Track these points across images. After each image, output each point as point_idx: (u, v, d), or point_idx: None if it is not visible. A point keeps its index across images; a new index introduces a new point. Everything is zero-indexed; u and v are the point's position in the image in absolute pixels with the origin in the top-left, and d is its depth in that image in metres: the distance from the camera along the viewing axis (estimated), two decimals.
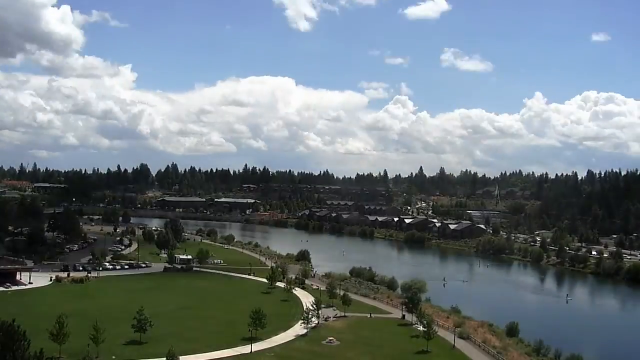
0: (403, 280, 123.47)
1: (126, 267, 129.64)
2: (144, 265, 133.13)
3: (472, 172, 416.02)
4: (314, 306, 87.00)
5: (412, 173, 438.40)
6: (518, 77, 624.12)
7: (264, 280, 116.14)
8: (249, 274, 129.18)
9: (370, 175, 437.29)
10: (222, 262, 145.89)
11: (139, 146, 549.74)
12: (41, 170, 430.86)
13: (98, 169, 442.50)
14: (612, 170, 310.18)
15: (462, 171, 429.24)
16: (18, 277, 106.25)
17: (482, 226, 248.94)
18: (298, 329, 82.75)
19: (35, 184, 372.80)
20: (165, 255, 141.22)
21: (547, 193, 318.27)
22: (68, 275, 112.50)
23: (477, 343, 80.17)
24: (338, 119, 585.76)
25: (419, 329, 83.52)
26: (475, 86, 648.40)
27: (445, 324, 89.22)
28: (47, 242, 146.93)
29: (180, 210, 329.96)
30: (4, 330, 50.35)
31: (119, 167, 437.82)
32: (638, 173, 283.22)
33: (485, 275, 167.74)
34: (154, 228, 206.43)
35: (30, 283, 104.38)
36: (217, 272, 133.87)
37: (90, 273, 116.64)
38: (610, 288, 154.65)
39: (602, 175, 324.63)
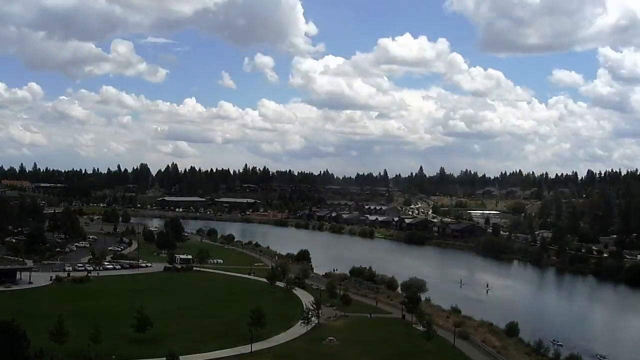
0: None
1: (127, 266, 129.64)
2: (144, 265, 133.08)
3: (472, 172, 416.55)
4: (314, 306, 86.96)
5: (412, 173, 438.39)
6: None
7: (264, 280, 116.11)
8: (249, 274, 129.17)
9: (370, 175, 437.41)
10: (222, 261, 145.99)
11: None
12: (41, 170, 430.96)
13: (98, 169, 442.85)
14: (612, 170, 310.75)
15: (462, 171, 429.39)
16: (18, 277, 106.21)
17: (482, 226, 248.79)
18: (298, 328, 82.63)
19: (35, 184, 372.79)
20: (165, 255, 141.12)
21: (547, 193, 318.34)
22: (68, 275, 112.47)
23: (477, 343, 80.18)
24: None
25: (419, 328, 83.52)
26: None
27: (445, 323, 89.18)
28: (47, 242, 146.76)
29: (180, 210, 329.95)
30: (4, 330, 50.33)
31: (119, 167, 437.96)
32: (638, 173, 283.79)
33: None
34: (154, 228, 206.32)
35: (30, 283, 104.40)
36: (217, 272, 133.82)
37: (90, 273, 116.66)
38: (610, 287, 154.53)
39: (602, 175, 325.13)
